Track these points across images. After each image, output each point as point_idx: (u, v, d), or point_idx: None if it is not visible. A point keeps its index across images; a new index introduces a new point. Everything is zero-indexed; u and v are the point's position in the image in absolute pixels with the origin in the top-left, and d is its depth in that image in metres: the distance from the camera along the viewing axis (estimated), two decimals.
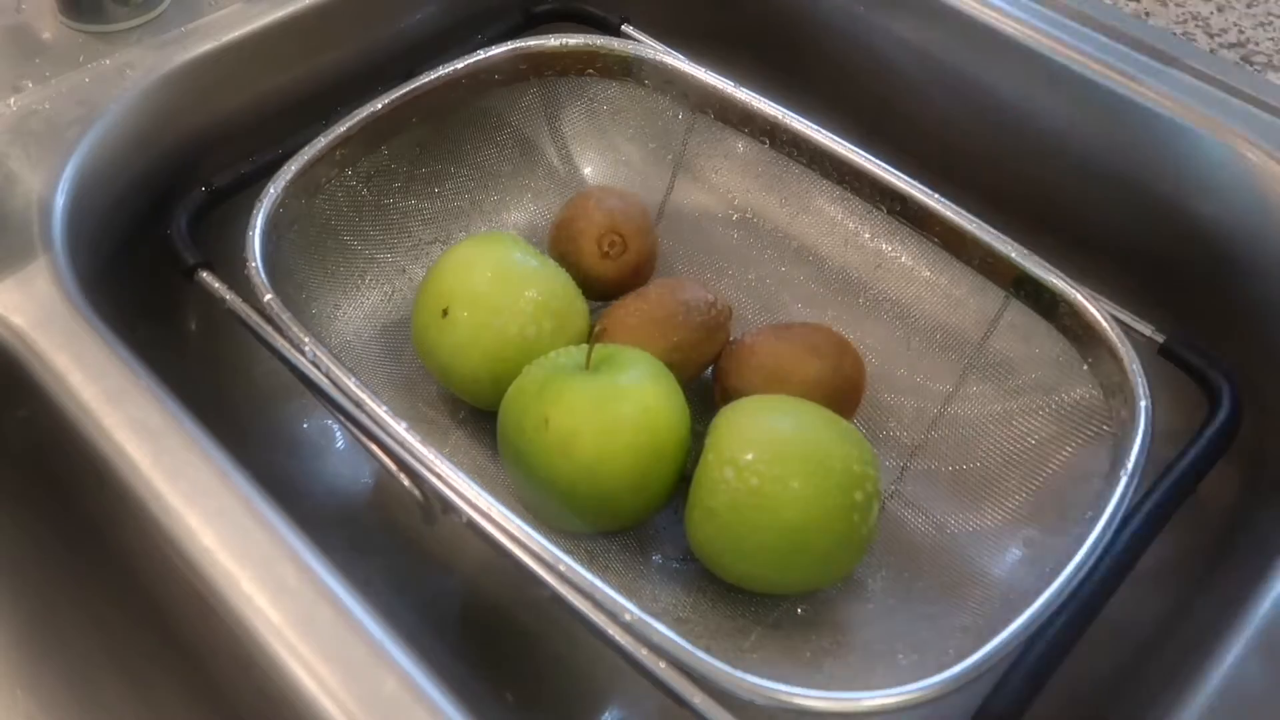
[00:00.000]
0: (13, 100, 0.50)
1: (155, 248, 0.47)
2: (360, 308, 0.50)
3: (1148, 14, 0.54)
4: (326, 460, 0.53)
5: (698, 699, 0.33)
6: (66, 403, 0.39)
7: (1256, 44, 0.54)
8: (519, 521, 0.36)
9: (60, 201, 0.46)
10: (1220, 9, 0.56)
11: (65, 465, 0.41)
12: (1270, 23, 0.55)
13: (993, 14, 0.54)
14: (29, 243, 0.44)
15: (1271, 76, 0.51)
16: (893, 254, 0.49)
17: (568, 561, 0.35)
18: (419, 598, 0.48)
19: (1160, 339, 0.44)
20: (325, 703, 0.32)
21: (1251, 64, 0.52)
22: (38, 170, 0.46)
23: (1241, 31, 0.54)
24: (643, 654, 0.33)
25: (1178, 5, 0.55)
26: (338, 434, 0.54)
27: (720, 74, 0.51)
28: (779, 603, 0.42)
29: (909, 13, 0.56)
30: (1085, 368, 0.43)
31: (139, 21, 0.53)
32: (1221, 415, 0.42)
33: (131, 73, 0.51)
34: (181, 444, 0.38)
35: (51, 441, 0.40)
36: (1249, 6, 0.56)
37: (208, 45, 0.52)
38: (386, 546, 0.50)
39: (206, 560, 0.35)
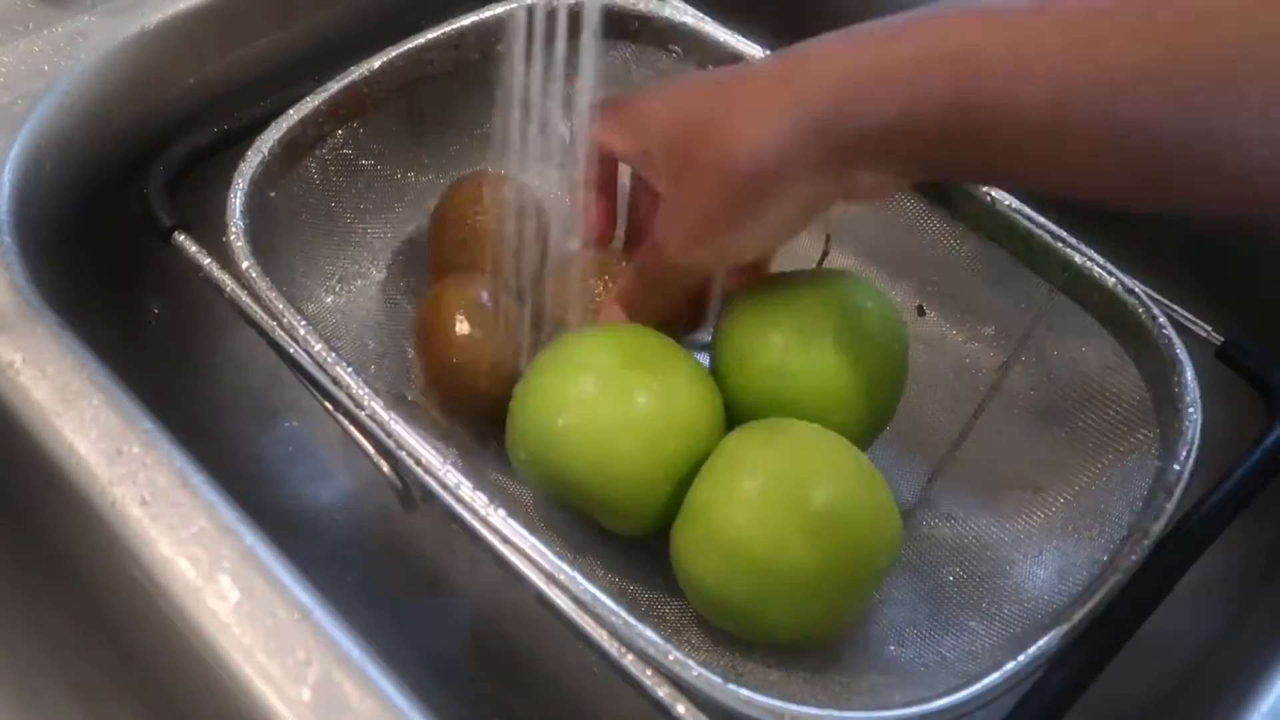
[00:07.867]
0: None
1: (114, 232, 0.46)
2: (349, 281, 0.48)
3: None
4: (300, 463, 0.52)
5: (681, 706, 0.32)
6: (14, 400, 0.38)
7: None
8: (504, 514, 0.35)
9: (7, 182, 0.45)
10: None
11: (13, 467, 0.40)
12: None
13: None
14: None
15: None
16: (928, 238, 0.47)
17: (554, 560, 0.34)
18: (399, 614, 0.47)
19: (1219, 340, 0.42)
20: None
21: None
22: None
23: None
24: (628, 660, 0.32)
25: None
26: (312, 436, 0.53)
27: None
28: None
29: None
30: (1134, 370, 0.41)
31: None
32: None
33: (85, 41, 0.49)
34: (139, 444, 0.37)
35: None
36: None
37: (168, 11, 0.50)
38: (365, 558, 0.49)
39: (167, 571, 0.34)
